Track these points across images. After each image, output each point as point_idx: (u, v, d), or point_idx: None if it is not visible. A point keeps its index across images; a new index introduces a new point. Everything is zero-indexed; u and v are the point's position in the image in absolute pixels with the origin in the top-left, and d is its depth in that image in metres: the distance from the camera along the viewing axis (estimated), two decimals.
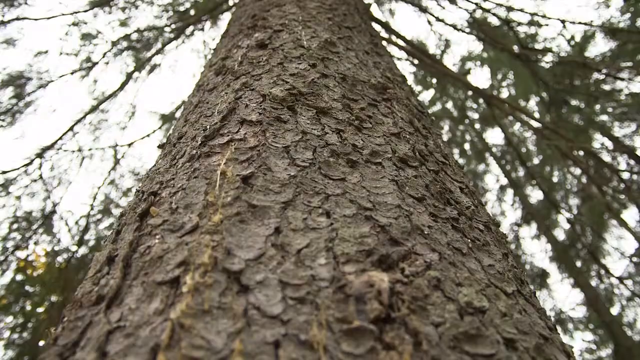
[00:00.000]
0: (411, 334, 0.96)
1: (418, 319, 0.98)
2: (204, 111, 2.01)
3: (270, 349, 0.91)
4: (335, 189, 1.35)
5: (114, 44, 8.96)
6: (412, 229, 1.26)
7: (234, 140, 1.59)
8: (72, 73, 8.42)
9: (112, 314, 1.09)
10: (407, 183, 1.48)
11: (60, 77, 8.17)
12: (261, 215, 1.22)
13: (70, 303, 1.33)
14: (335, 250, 1.12)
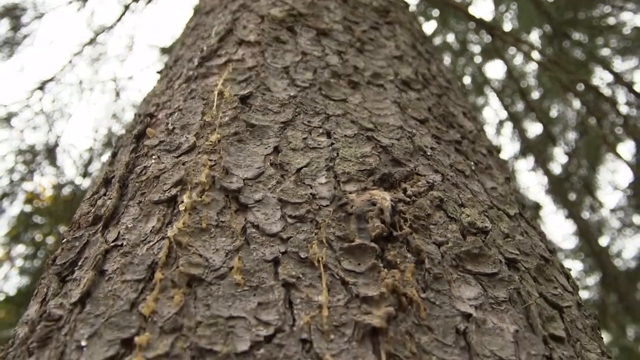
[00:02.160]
0: (413, 253, 0.94)
1: (420, 238, 0.97)
2: (200, 33, 1.93)
3: (270, 266, 0.89)
4: (336, 109, 1.31)
5: None
6: (415, 150, 1.23)
7: (231, 60, 1.53)
8: (69, 3, 8.12)
9: (109, 233, 1.08)
10: (409, 105, 1.43)
11: (56, 8, 7.89)
12: (260, 134, 1.18)
13: (69, 225, 1.31)
14: (336, 170, 1.09)
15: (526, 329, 0.92)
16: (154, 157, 1.21)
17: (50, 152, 7.28)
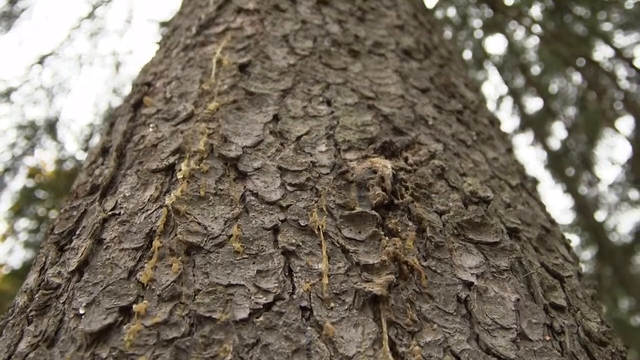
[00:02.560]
0: (414, 221, 0.93)
1: (422, 207, 0.96)
2: (199, 2, 1.89)
3: (269, 234, 0.88)
4: (336, 78, 1.28)
5: None
6: (416, 119, 1.21)
7: (230, 29, 1.50)
8: None
9: (107, 202, 1.06)
10: (410, 74, 1.41)
11: None
12: (259, 102, 1.16)
13: (67, 195, 1.30)
14: (337, 138, 1.07)
15: (527, 297, 0.91)
16: (151, 125, 1.19)
17: (51, 127, 7.23)
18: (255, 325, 0.76)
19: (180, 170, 1.00)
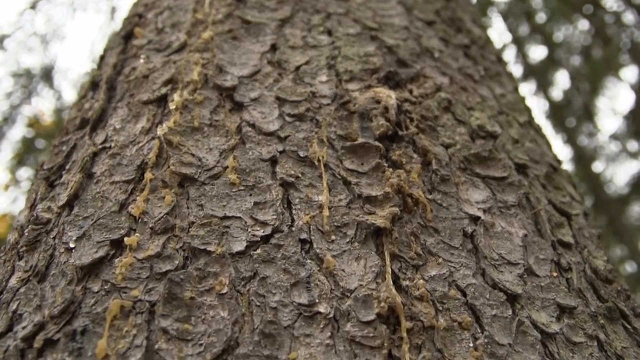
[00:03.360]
0: (420, 153, 0.89)
1: (427, 139, 0.91)
2: None
3: (267, 165, 0.84)
4: (337, 7, 1.21)
5: None
6: (422, 51, 1.15)
7: None
8: None
9: (97, 136, 1.02)
10: (415, 6, 1.34)
11: None
12: (256, 32, 1.10)
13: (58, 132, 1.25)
14: (338, 68, 1.01)
15: (535, 233, 0.88)
16: (142, 57, 1.13)
17: (47, 75, 7.13)
18: (253, 258, 0.72)
19: (173, 100, 0.95)
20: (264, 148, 0.86)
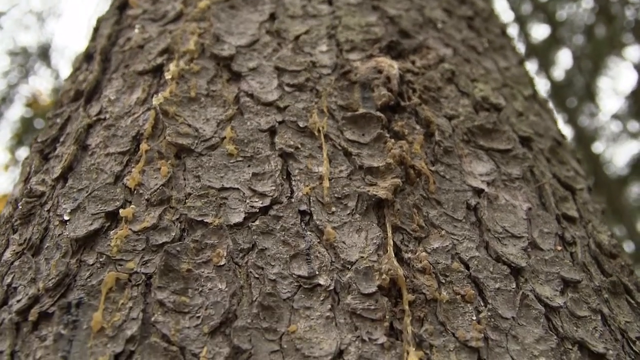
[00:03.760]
0: (422, 124, 0.87)
1: (430, 110, 0.89)
2: None
3: (265, 136, 0.82)
4: None
5: None
6: (424, 22, 1.11)
7: None
8: None
9: (92, 108, 0.99)
10: None
11: None
12: (254, 1, 1.07)
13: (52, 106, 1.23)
14: (339, 37, 0.98)
15: (539, 207, 0.86)
16: (137, 27, 1.10)
17: (44, 53, 7.08)
18: (251, 229, 0.71)
19: (169, 70, 0.92)
20: (263, 118, 0.84)
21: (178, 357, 0.59)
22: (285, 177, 0.77)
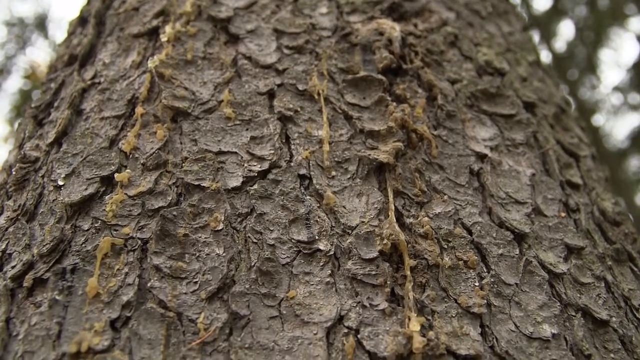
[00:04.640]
0: (425, 88, 0.84)
1: (432, 73, 0.87)
2: None
3: (264, 99, 0.80)
4: None
5: None
6: None
7: None
8: None
9: (86, 72, 0.97)
10: None
11: None
12: None
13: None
14: (339, 0, 0.96)
15: (543, 173, 0.84)
16: None
17: (41, 24, 7.00)
18: (249, 193, 0.69)
19: (165, 33, 0.89)
20: (261, 81, 0.81)
21: (175, 322, 0.58)
22: (284, 140, 0.75)
